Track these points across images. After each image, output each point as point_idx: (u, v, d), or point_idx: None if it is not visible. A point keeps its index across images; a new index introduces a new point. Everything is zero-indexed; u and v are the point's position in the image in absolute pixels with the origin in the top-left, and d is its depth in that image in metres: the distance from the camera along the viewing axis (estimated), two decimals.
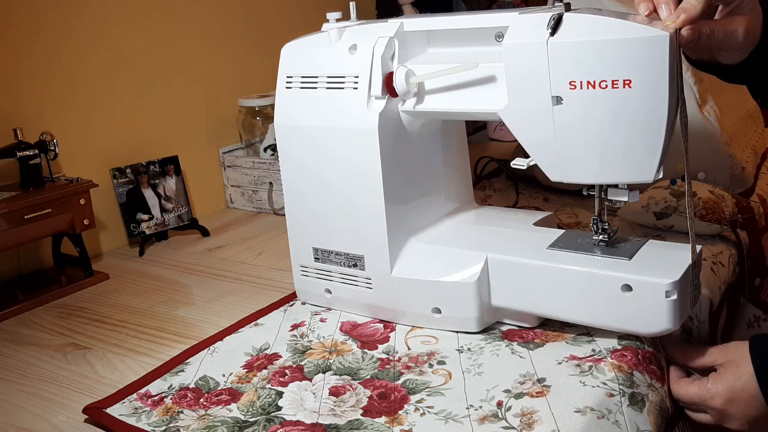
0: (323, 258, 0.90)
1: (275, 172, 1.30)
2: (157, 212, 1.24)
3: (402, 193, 0.85)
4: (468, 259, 0.81)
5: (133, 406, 0.74)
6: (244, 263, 1.12)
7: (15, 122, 1.07)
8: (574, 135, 0.72)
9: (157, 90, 1.30)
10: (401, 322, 0.86)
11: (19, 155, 1.04)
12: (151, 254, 1.20)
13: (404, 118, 0.84)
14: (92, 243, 1.19)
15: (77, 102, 1.18)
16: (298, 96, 0.88)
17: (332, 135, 0.84)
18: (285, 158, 0.90)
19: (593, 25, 0.69)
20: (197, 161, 1.36)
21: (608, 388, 0.69)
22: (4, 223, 0.98)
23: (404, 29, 0.84)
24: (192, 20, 1.35)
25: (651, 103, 0.68)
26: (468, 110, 0.81)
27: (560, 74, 0.70)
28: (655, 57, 0.66)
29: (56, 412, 0.75)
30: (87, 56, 1.18)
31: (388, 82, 0.81)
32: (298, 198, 0.90)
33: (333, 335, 0.85)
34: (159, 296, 1.02)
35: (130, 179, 1.22)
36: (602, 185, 0.77)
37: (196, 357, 0.82)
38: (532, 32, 0.71)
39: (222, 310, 0.95)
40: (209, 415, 0.71)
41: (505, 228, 0.89)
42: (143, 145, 1.27)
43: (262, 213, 1.36)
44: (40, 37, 1.12)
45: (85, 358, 0.86)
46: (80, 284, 1.07)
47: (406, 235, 0.86)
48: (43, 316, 0.99)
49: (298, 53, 0.89)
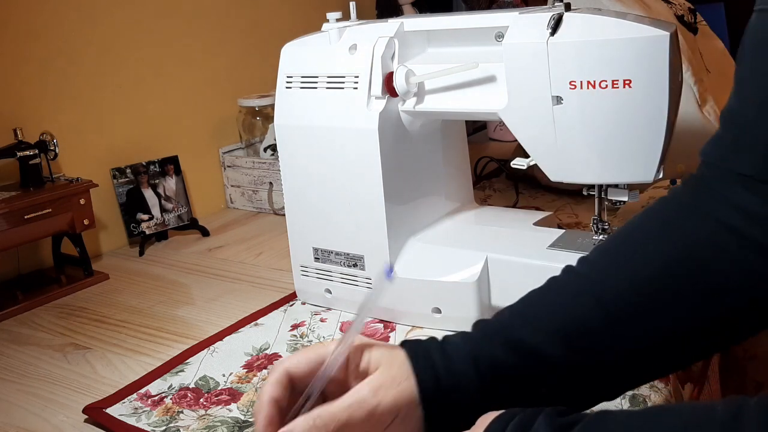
0: (323, 258, 0.90)
1: (275, 172, 1.30)
2: (157, 212, 1.24)
3: (402, 193, 0.85)
4: (468, 259, 0.81)
5: (133, 406, 0.74)
6: (244, 263, 1.12)
7: (15, 122, 1.07)
8: (574, 135, 0.72)
9: (157, 90, 1.30)
10: (401, 322, 0.86)
11: (19, 155, 1.04)
12: (151, 254, 1.20)
13: (404, 118, 0.84)
14: (92, 243, 1.19)
15: (77, 102, 1.18)
16: (298, 96, 0.88)
17: (332, 135, 0.84)
18: (285, 158, 0.90)
19: (593, 25, 0.69)
20: (197, 161, 1.36)
21: None
22: (4, 223, 0.98)
23: (404, 29, 0.84)
24: (192, 20, 1.35)
25: (651, 103, 0.68)
26: (468, 110, 0.81)
27: (560, 74, 0.70)
28: (655, 57, 0.66)
29: (56, 412, 0.75)
30: (87, 56, 1.18)
31: (388, 82, 0.81)
32: (298, 198, 0.90)
33: (333, 335, 0.85)
34: (159, 296, 1.02)
35: (130, 179, 1.22)
36: (602, 185, 0.77)
37: (196, 357, 0.82)
38: (532, 32, 0.71)
39: (222, 310, 0.95)
40: (209, 415, 0.71)
41: (505, 228, 0.89)
42: (143, 145, 1.27)
43: (262, 213, 1.36)
44: (40, 37, 1.12)
45: (85, 358, 0.86)
46: (80, 284, 1.07)
47: (406, 235, 0.86)
48: (43, 316, 0.99)
49: (298, 53, 0.89)
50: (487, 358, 0.51)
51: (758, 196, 0.52)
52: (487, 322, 0.54)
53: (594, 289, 0.53)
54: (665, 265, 0.54)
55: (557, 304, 0.54)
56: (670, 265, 0.54)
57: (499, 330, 0.53)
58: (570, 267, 0.57)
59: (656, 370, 0.55)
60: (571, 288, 0.55)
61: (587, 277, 0.55)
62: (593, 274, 0.55)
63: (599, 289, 0.53)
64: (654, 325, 0.53)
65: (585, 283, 0.54)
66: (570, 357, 0.51)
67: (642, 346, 0.53)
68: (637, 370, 0.54)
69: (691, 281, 0.53)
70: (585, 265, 0.56)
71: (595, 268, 0.56)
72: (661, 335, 0.53)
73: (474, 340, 0.53)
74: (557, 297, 0.55)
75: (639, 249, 0.55)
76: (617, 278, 0.54)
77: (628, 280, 0.53)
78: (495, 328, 0.53)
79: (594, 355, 0.52)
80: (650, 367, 0.55)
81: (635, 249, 0.56)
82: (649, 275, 0.53)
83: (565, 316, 0.53)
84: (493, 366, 0.51)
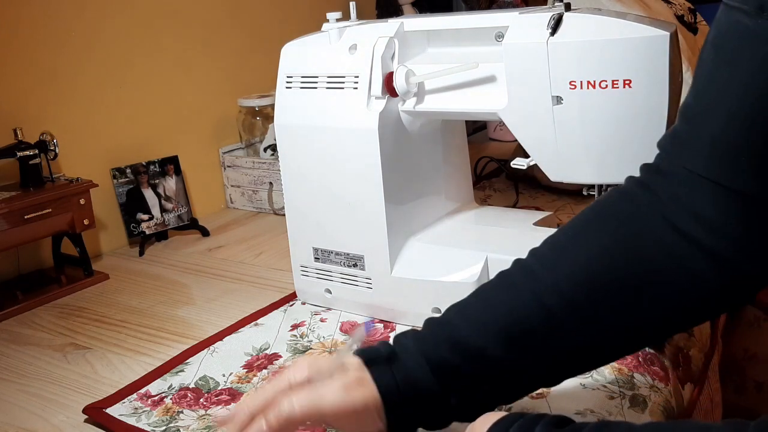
0: (323, 258, 0.90)
1: (275, 172, 1.30)
2: (157, 212, 1.24)
3: (402, 193, 0.85)
4: (468, 259, 0.81)
5: (133, 406, 0.74)
6: (244, 263, 1.12)
7: (15, 122, 1.07)
8: (574, 135, 0.72)
9: (157, 90, 1.30)
10: (401, 322, 0.86)
11: (19, 155, 1.04)
12: (151, 254, 1.20)
13: (404, 118, 0.84)
14: (92, 243, 1.19)
15: (77, 102, 1.18)
16: (298, 96, 0.88)
17: (332, 135, 0.84)
18: (285, 158, 0.90)
19: (593, 25, 0.69)
20: (197, 161, 1.36)
21: (609, 391, 0.69)
22: (4, 223, 0.98)
23: (404, 29, 0.84)
24: (192, 20, 1.35)
25: (651, 103, 0.68)
26: (468, 110, 0.81)
27: (560, 74, 0.70)
28: (655, 57, 0.66)
29: (56, 412, 0.75)
30: (87, 56, 1.18)
31: (388, 82, 0.81)
32: (298, 198, 0.90)
33: (333, 335, 0.85)
34: (159, 296, 1.02)
35: (130, 179, 1.22)
36: (602, 185, 0.77)
37: (196, 357, 0.82)
38: (532, 32, 0.71)
39: (222, 310, 0.95)
40: (209, 415, 0.71)
41: (505, 228, 0.89)
42: (143, 145, 1.27)
43: (262, 213, 1.36)
44: (40, 37, 1.12)
45: (85, 358, 0.86)
46: (80, 284, 1.07)
47: (406, 235, 0.86)
48: (43, 316, 0.99)
49: (298, 53, 0.89)
50: (437, 360, 0.54)
51: (705, 197, 0.52)
52: (436, 322, 0.57)
53: (536, 287, 0.54)
54: (607, 261, 0.54)
55: (501, 303, 0.55)
56: (611, 262, 0.54)
57: (446, 331, 0.56)
58: (519, 261, 0.58)
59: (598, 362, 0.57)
60: (515, 285, 0.56)
61: (532, 273, 0.56)
62: (538, 269, 0.55)
63: (542, 285, 0.54)
64: (592, 323, 0.53)
65: (529, 280, 0.55)
66: (512, 356, 0.54)
67: (581, 343, 0.54)
68: (578, 364, 0.56)
69: (632, 279, 0.53)
70: (533, 258, 0.57)
71: (541, 261, 0.56)
72: (599, 332, 0.54)
73: (424, 341, 0.56)
74: (502, 294, 0.56)
75: (583, 243, 0.56)
76: (560, 274, 0.54)
77: (569, 277, 0.54)
78: (443, 329, 0.56)
79: (534, 353, 0.54)
80: (591, 360, 0.57)
81: (579, 243, 0.56)
82: (590, 270, 0.54)
83: (508, 316, 0.54)
84: (442, 367, 0.54)
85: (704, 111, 0.51)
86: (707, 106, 0.51)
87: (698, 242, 0.52)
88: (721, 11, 0.51)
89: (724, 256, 0.52)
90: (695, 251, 0.52)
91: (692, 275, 0.52)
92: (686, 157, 0.53)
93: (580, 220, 0.58)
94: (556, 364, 0.55)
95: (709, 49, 0.52)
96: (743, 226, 0.51)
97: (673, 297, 0.53)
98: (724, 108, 0.49)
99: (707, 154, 0.51)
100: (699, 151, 0.52)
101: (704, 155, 0.51)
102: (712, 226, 0.51)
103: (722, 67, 0.50)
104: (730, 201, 0.51)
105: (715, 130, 0.50)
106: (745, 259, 0.52)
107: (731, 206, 0.51)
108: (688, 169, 0.52)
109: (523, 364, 0.54)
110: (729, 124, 0.49)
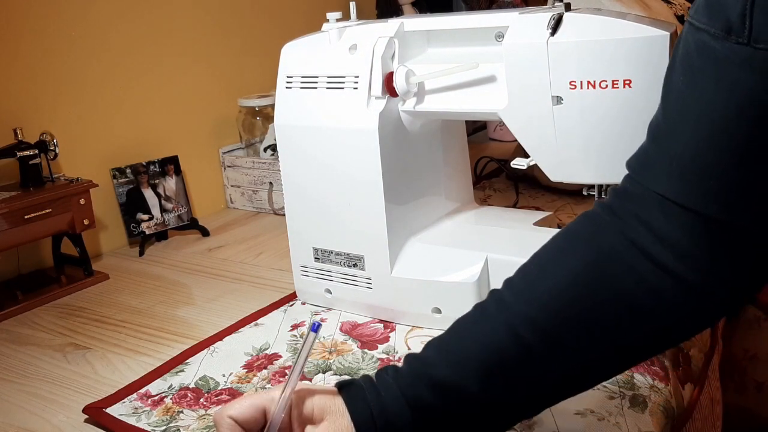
0: (323, 258, 0.90)
1: (275, 172, 1.30)
2: (157, 212, 1.24)
3: (402, 193, 0.85)
4: (468, 259, 0.81)
5: (133, 406, 0.74)
6: (244, 263, 1.12)
7: (15, 122, 1.07)
8: (574, 135, 0.72)
9: (157, 90, 1.30)
10: (401, 322, 0.86)
11: (19, 155, 1.04)
12: (151, 254, 1.20)
13: (404, 118, 0.84)
14: (92, 243, 1.19)
15: (77, 102, 1.18)
16: (298, 96, 0.88)
17: (332, 135, 0.84)
18: (285, 158, 0.90)
19: (593, 25, 0.69)
20: (197, 161, 1.36)
21: (609, 391, 0.69)
22: (4, 223, 0.98)
23: (404, 29, 0.84)
24: (192, 20, 1.35)
25: (651, 103, 0.67)
26: (468, 110, 0.81)
27: (560, 74, 0.70)
28: (655, 57, 0.66)
29: (56, 412, 0.75)
30: (87, 56, 1.18)
31: (388, 82, 0.81)
32: (298, 198, 0.90)
33: (333, 335, 0.85)
34: (159, 296, 1.02)
35: (130, 179, 1.22)
36: (602, 185, 0.77)
37: (196, 357, 0.82)
38: (532, 32, 0.71)
39: (222, 310, 0.95)
40: (209, 415, 0.71)
41: (505, 228, 0.89)
42: (143, 145, 1.27)
43: (262, 213, 1.36)
44: (40, 37, 1.12)
45: (85, 358, 0.86)
46: (80, 284, 1.07)
47: (406, 235, 0.86)
48: (43, 316, 0.99)
49: (298, 53, 0.89)
50: (416, 399, 0.53)
51: (671, 220, 0.50)
52: (416, 359, 0.56)
53: (510, 318, 0.53)
54: (578, 290, 0.53)
55: (477, 339, 0.54)
56: (582, 290, 0.53)
57: (423, 368, 0.55)
58: (494, 291, 0.57)
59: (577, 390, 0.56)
60: (490, 317, 0.55)
61: (505, 305, 0.55)
62: (511, 301, 0.55)
63: (515, 317, 0.53)
64: (567, 352, 0.53)
65: (502, 313, 0.54)
66: (489, 392, 0.53)
67: (559, 372, 0.53)
68: (557, 393, 0.55)
69: (605, 306, 0.52)
70: (507, 289, 0.56)
71: (514, 292, 0.55)
72: (575, 361, 0.53)
73: (403, 378, 0.55)
74: (477, 328, 0.55)
75: (553, 272, 0.55)
76: (533, 304, 0.53)
77: (542, 307, 0.53)
78: (422, 367, 0.55)
79: (512, 385, 0.53)
80: (570, 389, 0.55)
81: (550, 272, 0.55)
82: (562, 299, 0.53)
83: (484, 350, 0.53)
84: (420, 407, 0.53)
85: (672, 132, 0.50)
86: (675, 127, 0.50)
87: (667, 268, 0.51)
88: (687, 31, 0.50)
89: (694, 282, 0.51)
90: (665, 277, 0.51)
91: (664, 300, 0.52)
92: (654, 180, 0.52)
93: (551, 247, 0.57)
94: (535, 395, 0.54)
95: (677, 68, 0.50)
96: (712, 253, 0.50)
97: (648, 322, 0.52)
98: (692, 131, 0.48)
99: (676, 177, 0.50)
100: (668, 174, 0.50)
101: (673, 178, 0.50)
102: (681, 252, 0.50)
103: (690, 88, 0.48)
104: (698, 226, 0.50)
105: (684, 153, 0.49)
106: (716, 285, 0.51)
107: (700, 232, 0.50)
108: (657, 193, 0.51)
109: (502, 398, 0.53)
110: (698, 147, 0.48)
